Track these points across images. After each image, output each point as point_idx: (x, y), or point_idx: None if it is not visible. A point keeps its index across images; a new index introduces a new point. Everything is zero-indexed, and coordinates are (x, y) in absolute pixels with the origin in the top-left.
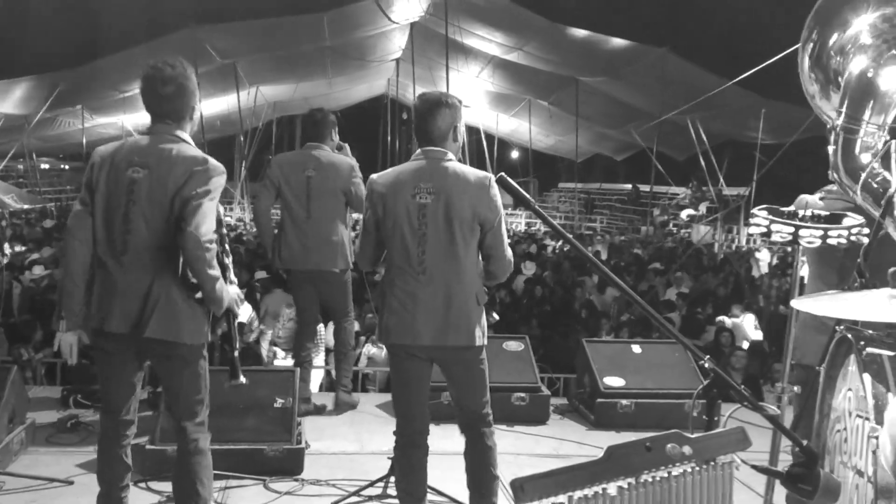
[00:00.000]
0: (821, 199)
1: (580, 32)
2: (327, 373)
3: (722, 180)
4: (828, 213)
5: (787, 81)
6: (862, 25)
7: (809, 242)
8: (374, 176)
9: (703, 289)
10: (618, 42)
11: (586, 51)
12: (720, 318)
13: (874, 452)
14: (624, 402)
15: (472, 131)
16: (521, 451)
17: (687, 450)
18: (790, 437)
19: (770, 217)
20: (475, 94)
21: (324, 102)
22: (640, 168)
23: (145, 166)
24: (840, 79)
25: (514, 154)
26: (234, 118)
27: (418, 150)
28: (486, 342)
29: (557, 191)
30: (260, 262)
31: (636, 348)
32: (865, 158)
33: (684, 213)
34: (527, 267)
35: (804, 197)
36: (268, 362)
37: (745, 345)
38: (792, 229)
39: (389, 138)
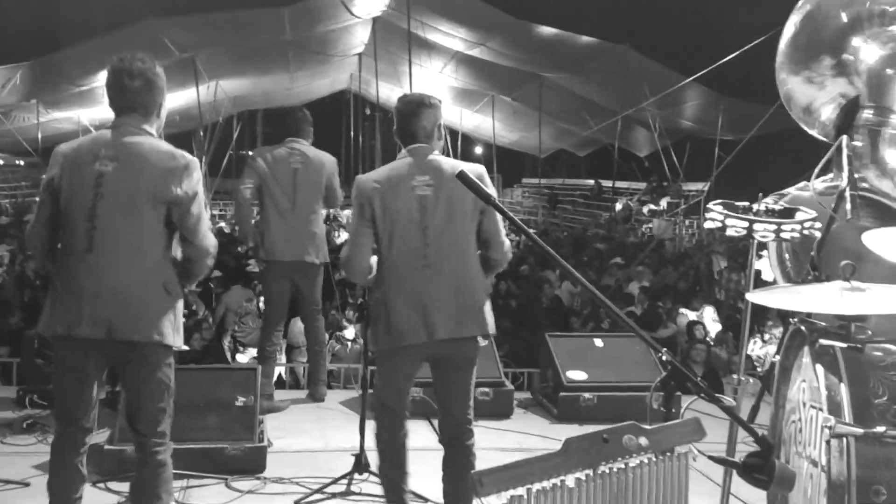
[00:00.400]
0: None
1: (543, 28)
2: (291, 370)
3: (682, 175)
4: (781, 207)
5: (746, 78)
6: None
7: (763, 237)
8: (362, 176)
9: (664, 283)
10: (580, 38)
11: (549, 47)
12: (682, 310)
13: (827, 442)
14: (586, 395)
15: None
16: (485, 446)
17: (643, 441)
18: (745, 428)
19: (725, 212)
20: (439, 89)
21: (285, 97)
22: (602, 164)
23: (114, 159)
24: (856, 68)
25: (478, 150)
26: (193, 113)
27: (404, 150)
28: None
29: (521, 186)
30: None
31: (598, 342)
32: (891, 155)
33: (645, 209)
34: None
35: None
36: (231, 359)
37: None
38: (746, 224)
39: (353, 133)
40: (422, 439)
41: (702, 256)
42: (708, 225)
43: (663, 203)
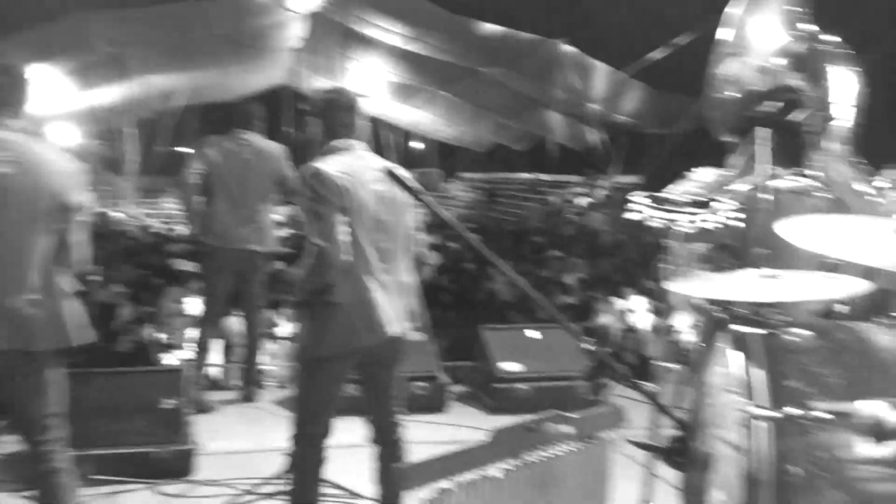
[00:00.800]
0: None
1: (479, 24)
2: (224, 370)
3: (617, 169)
4: (704, 199)
5: (678, 72)
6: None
7: (684, 228)
8: (320, 165)
9: (599, 273)
10: (516, 34)
11: (486, 42)
12: (613, 299)
13: (743, 425)
14: (521, 386)
15: (375, 122)
16: (419, 440)
17: (566, 429)
18: (666, 413)
19: (647, 203)
20: (377, 84)
21: (218, 92)
22: (539, 158)
23: (12, 162)
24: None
25: (419, 145)
26: (122, 109)
27: (341, 141)
28: None
29: (459, 180)
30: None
31: (533, 333)
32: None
33: (582, 201)
34: (430, 257)
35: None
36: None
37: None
38: (667, 215)
39: (290, 128)
40: (355, 436)
41: (635, 247)
42: (629, 216)
43: (599, 195)
